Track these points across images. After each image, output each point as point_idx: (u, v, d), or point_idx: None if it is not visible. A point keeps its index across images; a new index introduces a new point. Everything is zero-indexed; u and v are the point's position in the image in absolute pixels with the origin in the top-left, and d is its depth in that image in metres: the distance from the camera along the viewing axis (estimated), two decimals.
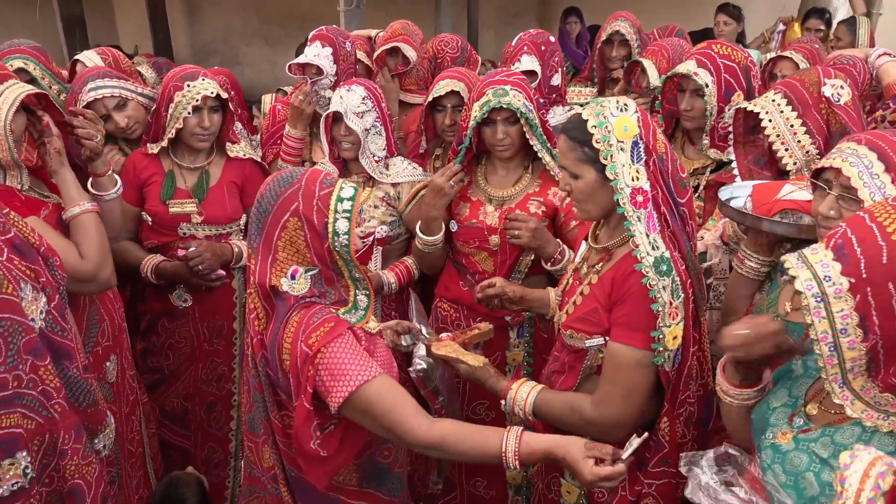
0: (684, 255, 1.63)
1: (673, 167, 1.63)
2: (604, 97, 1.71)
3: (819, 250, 1.20)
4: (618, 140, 1.56)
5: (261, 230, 1.60)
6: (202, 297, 2.57)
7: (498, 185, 2.37)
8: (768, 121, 2.00)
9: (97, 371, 2.02)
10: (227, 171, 2.58)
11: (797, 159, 2.00)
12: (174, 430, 2.74)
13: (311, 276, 1.60)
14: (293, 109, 2.79)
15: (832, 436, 1.26)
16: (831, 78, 2.01)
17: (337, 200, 1.59)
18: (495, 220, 2.32)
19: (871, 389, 1.19)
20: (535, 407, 1.74)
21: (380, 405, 1.52)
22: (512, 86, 2.19)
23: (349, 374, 1.52)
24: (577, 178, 1.65)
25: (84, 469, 1.55)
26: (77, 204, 1.96)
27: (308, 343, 1.53)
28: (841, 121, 1.98)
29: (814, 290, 1.16)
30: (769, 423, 1.39)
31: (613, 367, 1.63)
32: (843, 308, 1.14)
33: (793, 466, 1.30)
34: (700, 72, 2.33)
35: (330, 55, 2.78)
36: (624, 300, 1.61)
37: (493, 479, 2.49)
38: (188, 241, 2.50)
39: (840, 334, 1.15)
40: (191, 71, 2.47)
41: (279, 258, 1.59)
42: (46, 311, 1.50)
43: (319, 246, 1.58)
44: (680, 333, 1.59)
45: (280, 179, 1.61)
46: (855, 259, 1.15)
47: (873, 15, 5.55)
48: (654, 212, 1.59)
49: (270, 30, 8.50)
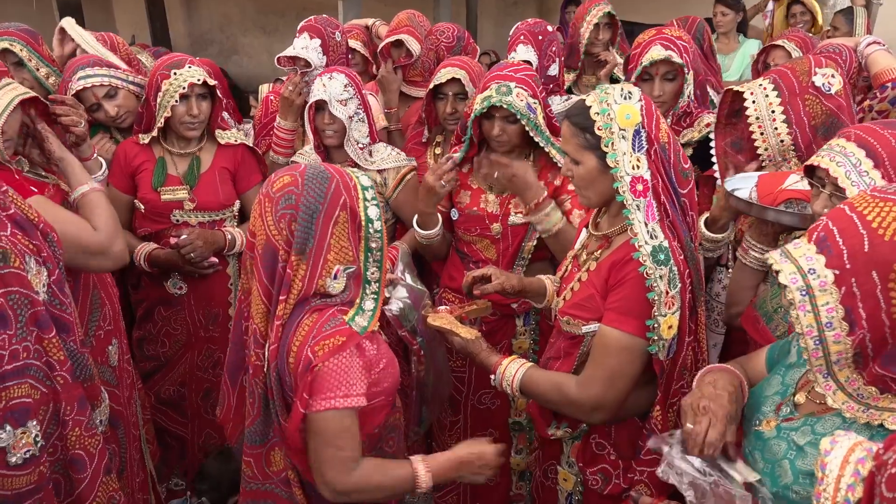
0: (683, 244, 1.62)
1: (675, 157, 1.63)
2: (607, 84, 1.71)
3: (802, 244, 1.19)
4: (620, 128, 1.56)
5: (314, 233, 1.53)
6: (197, 285, 2.57)
7: None
8: (751, 102, 2.00)
9: (100, 355, 2.04)
10: (218, 157, 2.57)
11: (770, 146, 2.00)
12: (171, 417, 2.74)
13: (348, 274, 1.59)
14: (283, 101, 2.78)
15: (813, 425, 1.27)
16: (822, 67, 1.99)
17: (362, 189, 1.61)
18: (496, 207, 2.32)
19: (855, 381, 1.18)
20: (521, 384, 1.75)
21: (327, 435, 1.52)
22: (518, 83, 2.15)
23: (328, 393, 1.51)
24: (579, 165, 1.65)
25: (87, 440, 1.58)
26: (84, 184, 1.98)
27: (314, 351, 1.51)
28: (828, 111, 1.96)
29: (798, 284, 1.16)
30: (759, 411, 1.40)
31: (601, 349, 1.64)
32: (829, 301, 1.14)
33: (771, 454, 1.31)
34: (671, 55, 2.34)
35: (318, 46, 2.77)
36: (620, 286, 1.61)
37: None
38: (181, 228, 2.49)
39: (825, 328, 1.14)
40: (177, 59, 2.46)
41: (329, 259, 1.56)
42: (47, 285, 1.52)
43: (355, 237, 1.59)
44: (676, 323, 1.58)
45: (314, 177, 1.56)
46: (838, 250, 1.14)
47: (873, 5, 5.52)
48: (654, 201, 1.58)
49: (268, 19, 8.46)
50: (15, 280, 1.41)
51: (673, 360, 1.65)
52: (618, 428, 1.77)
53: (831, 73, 1.98)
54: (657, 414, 1.68)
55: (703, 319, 1.77)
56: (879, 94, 2.72)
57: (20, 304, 1.42)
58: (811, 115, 1.97)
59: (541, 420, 1.88)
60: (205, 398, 2.72)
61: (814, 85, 1.97)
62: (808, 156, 1.99)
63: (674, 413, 1.70)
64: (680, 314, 1.59)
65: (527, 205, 2.20)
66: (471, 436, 2.46)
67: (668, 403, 1.69)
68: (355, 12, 5.35)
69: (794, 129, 1.97)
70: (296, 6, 7.77)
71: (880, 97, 2.71)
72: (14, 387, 1.42)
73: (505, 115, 2.18)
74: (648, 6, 4.41)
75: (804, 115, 1.96)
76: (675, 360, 1.65)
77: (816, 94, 1.97)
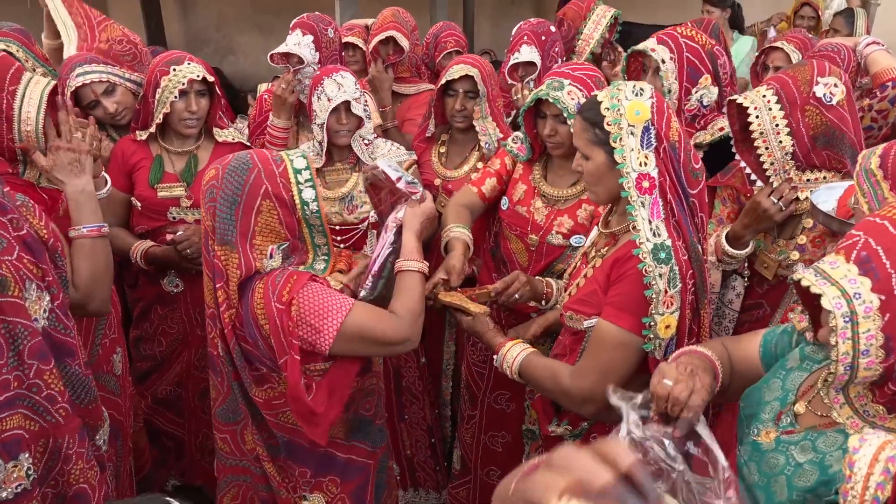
0: (688, 245, 1.61)
1: (685, 157, 1.61)
2: (620, 81, 1.69)
3: (839, 264, 1.10)
4: (629, 124, 1.55)
5: (234, 224, 1.61)
6: (194, 282, 2.53)
7: (554, 183, 2.25)
8: (755, 117, 1.96)
9: (106, 364, 2.01)
10: (215, 155, 2.54)
11: (775, 159, 1.97)
12: (167, 417, 2.72)
13: (283, 250, 1.67)
14: (276, 99, 2.76)
15: (814, 441, 1.21)
16: (825, 76, 1.95)
17: (294, 172, 1.65)
18: (542, 217, 2.23)
19: (863, 397, 1.14)
20: (521, 367, 1.76)
21: (369, 325, 1.64)
22: (573, 80, 2.03)
23: (330, 314, 1.60)
24: (588, 160, 1.65)
25: (88, 473, 1.55)
26: (81, 224, 1.85)
27: (280, 300, 1.59)
28: (828, 122, 1.93)
29: (843, 309, 1.07)
30: (758, 418, 1.35)
31: (597, 343, 1.63)
32: (870, 328, 1.07)
33: (769, 467, 1.26)
34: (658, 48, 2.27)
35: (311, 43, 2.75)
36: (619, 281, 1.61)
37: (507, 470, 2.47)
38: (178, 225, 2.47)
39: (861, 355, 1.08)
40: (176, 55, 2.44)
41: (256, 243, 1.63)
42: (50, 310, 1.49)
43: (291, 219, 1.65)
44: (674, 323, 1.57)
45: (234, 169, 1.62)
46: (885, 273, 1.06)
47: (871, 6, 5.53)
48: (661, 199, 1.57)
49: (264, 18, 8.43)
50: (11, 309, 1.38)
51: None
52: None
53: (834, 81, 1.94)
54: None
55: (709, 322, 1.75)
56: (879, 94, 2.71)
57: (15, 334, 1.39)
58: (810, 126, 1.94)
59: (543, 416, 1.88)
60: (201, 397, 2.69)
61: (814, 95, 1.93)
62: (807, 164, 1.98)
63: None
64: (679, 314, 1.58)
65: (539, 300, 2.11)
66: (485, 433, 2.50)
67: None
68: (352, 12, 5.33)
69: (797, 138, 1.95)
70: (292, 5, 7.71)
71: (880, 96, 2.71)
72: (6, 418, 1.38)
73: (555, 113, 2.07)
74: (647, 6, 4.40)
75: (803, 127, 1.94)
76: None
77: (817, 105, 1.93)
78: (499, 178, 2.35)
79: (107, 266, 1.88)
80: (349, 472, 1.85)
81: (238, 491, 1.88)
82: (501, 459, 2.49)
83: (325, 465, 1.81)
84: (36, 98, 1.74)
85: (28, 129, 1.73)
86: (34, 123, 1.73)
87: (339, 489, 1.83)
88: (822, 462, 1.18)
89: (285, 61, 2.79)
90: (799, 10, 4.97)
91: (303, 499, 1.80)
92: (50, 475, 1.48)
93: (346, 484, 1.84)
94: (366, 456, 1.89)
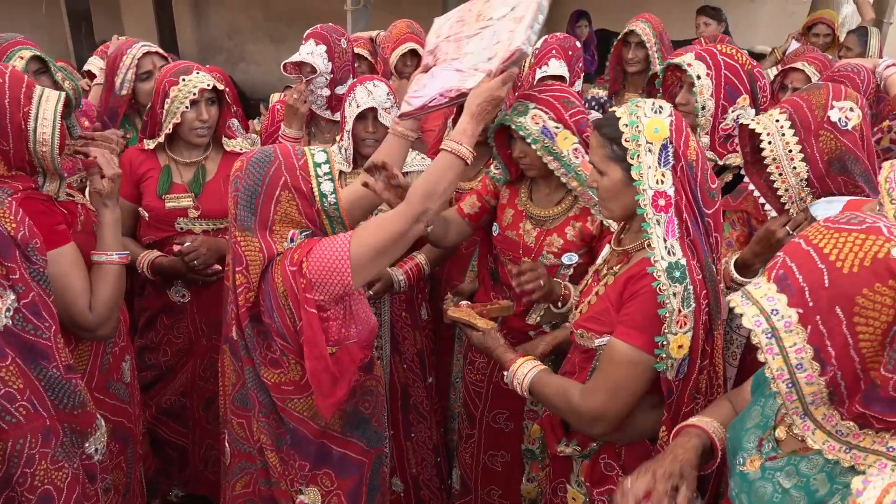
0: (703, 265, 1.59)
1: (703, 176, 1.60)
2: (639, 98, 1.68)
3: (762, 284, 1.14)
4: (647, 141, 1.54)
5: (254, 210, 1.71)
6: (200, 293, 2.55)
7: (540, 203, 2.25)
8: (768, 143, 1.93)
9: (115, 372, 2.00)
10: (223, 165, 2.54)
11: (790, 185, 1.93)
12: (171, 427, 2.71)
13: (306, 235, 1.74)
14: (288, 108, 2.76)
15: (797, 465, 1.20)
16: (840, 100, 1.91)
17: (314, 166, 1.73)
18: (532, 239, 2.22)
19: (832, 417, 1.13)
20: (531, 385, 1.73)
21: (373, 238, 1.70)
22: (539, 104, 2.06)
23: (338, 255, 1.67)
24: (604, 176, 1.64)
25: (54, 474, 1.51)
26: (104, 252, 1.89)
27: (293, 262, 1.68)
28: (843, 147, 1.89)
29: (763, 326, 1.11)
30: (741, 447, 1.33)
31: (608, 361, 1.61)
32: (796, 342, 1.09)
33: (757, 497, 1.24)
34: (695, 63, 2.23)
35: (324, 53, 2.75)
36: (633, 300, 1.59)
37: (507, 489, 2.47)
38: (185, 236, 2.47)
39: (796, 370, 1.09)
40: (184, 66, 2.45)
41: (276, 230, 1.72)
42: (15, 310, 1.46)
43: (310, 210, 1.73)
44: (687, 343, 1.55)
45: (257, 161, 1.72)
46: (798, 287, 1.09)
47: (883, 24, 5.51)
48: (676, 217, 1.56)
49: (276, 28, 8.50)
50: None
51: (684, 381, 1.61)
52: (627, 449, 1.73)
53: (850, 105, 1.90)
54: (663, 435, 1.64)
55: (721, 344, 1.73)
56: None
57: None
58: (824, 151, 1.90)
59: (551, 435, 1.85)
60: (206, 408, 2.68)
61: (829, 120, 1.89)
62: (822, 189, 1.95)
63: None
64: (693, 334, 1.56)
65: (555, 302, 2.11)
66: (484, 452, 2.47)
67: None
68: (364, 22, 5.36)
69: (812, 163, 1.91)
70: (304, 16, 7.79)
71: None
72: None
73: (522, 136, 2.08)
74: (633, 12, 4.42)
75: (817, 152, 1.90)
76: (686, 381, 1.61)
77: (832, 129, 1.89)
78: (479, 196, 2.35)
79: (122, 294, 1.94)
80: (344, 467, 1.89)
81: (249, 479, 1.92)
82: (502, 479, 2.46)
83: (322, 458, 1.85)
84: (50, 118, 1.75)
85: (44, 150, 1.75)
86: (50, 145, 1.75)
87: (335, 485, 1.87)
88: (807, 486, 1.17)
89: (298, 71, 2.79)
90: (812, 27, 4.94)
91: (299, 492, 1.85)
92: (8, 485, 1.44)
93: (342, 480, 1.88)
94: (360, 453, 1.92)
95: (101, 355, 1.95)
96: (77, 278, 1.79)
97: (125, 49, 2.84)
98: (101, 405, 1.92)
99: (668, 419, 1.63)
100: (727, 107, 2.23)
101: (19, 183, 1.75)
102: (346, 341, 1.77)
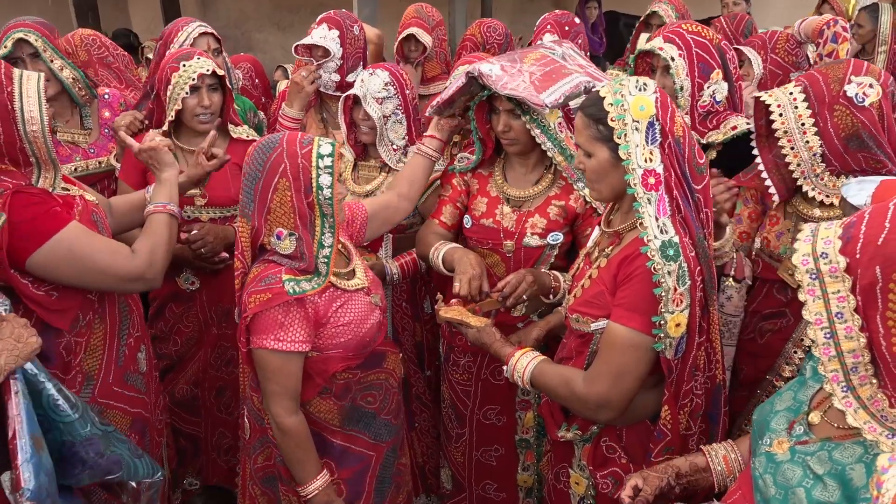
0: (695, 241, 1.58)
1: (690, 152, 1.59)
2: (623, 75, 1.66)
3: (833, 225, 1.11)
4: (633, 119, 1.53)
5: (254, 196, 1.73)
6: (209, 281, 2.55)
7: (516, 184, 2.21)
8: (779, 115, 1.90)
9: (132, 363, 2.01)
10: (230, 152, 2.49)
11: (801, 160, 1.91)
12: (183, 417, 2.73)
13: (294, 239, 1.73)
14: (293, 85, 2.75)
15: (830, 452, 1.16)
16: (860, 75, 1.86)
17: (317, 157, 1.71)
18: (512, 222, 2.18)
19: (879, 402, 1.09)
20: (532, 376, 1.72)
21: (266, 371, 1.75)
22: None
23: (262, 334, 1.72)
24: (591, 157, 1.62)
25: None
26: (158, 201, 2.00)
27: (249, 299, 1.72)
28: (859, 123, 1.85)
29: (809, 266, 1.09)
30: (769, 428, 1.31)
31: (608, 346, 1.60)
32: (839, 289, 1.06)
33: (785, 479, 1.21)
34: (666, 46, 2.21)
35: (336, 38, 2.75)
36: (628, 282, 1.58)
37: (503, 482, 2.45)
38: (192, 224, 2.48)
39: (836, 318, 1.06)
40: (186, 52, 2.45)
41: (270, 219, 1.72)
42: None
43: (302, 203, 1.71)
44: (684, 321, 1.54)
45: (262, 147, 1.73)
46: (855, 236, 1.06)
47: None
48: (666, 195, 1.55)
49: (283, 15, 8.46)
50: None
51: (683, 359, 1.61)
52: (628, 431, 1.74)
53: (870, 81, 1.85)
54: (666, 414, 1.64)
55: (717, 319, 1.72)
56: None
57: None
58: (839, 127, 1.86)
59: (551, 421, 1.85)
60: (218, 396, 2.71)
61: (845, 94, 1.86)
62: (841, 167, 1.91)
63: (685, 414, 1.66)
64: (690, 312, 1.55)
65: (546, 294, 2.06)
66: (477, 449, 2.45)
67: (679, 405, 1.65)
68: (371, 9, 5.32)
69: (825, 138, 1.88)
70: (311, 3, 7.76)
71: None
72: None
73: (508, 108, 2.05)
74: None
75: (831, 127, 1.87)
76: (685, 359, 1.61)
77: (847, 104, 1.86)
78: (454, 204, 2.29)
79: (171, 243, 1.99)
80: (346, 458, 1.91)
81: (270, 452, 1.94)
82: (497, 472, 2.44)
83: (322, 449, 1.87)
84: (34, 95, 1.73)
85: (34, 130, 1.72)
86: (39, 123, 1.73)
87: (335, 474, 1.89)
88: (842, 475, 1.13)
89: (308, 54, 2.79)
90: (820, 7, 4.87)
91: None
92: None
93: (343, 470, 1.90)
94: (365, 447, 1.93)
95: (116, 348, 1.95)
96: (97, 240, 1.81)
97: (181, 26, 2.83)
98: (119, 398, 1.96)
99: (669, 398, 1.63)
100: (702, 84, 2.22)
101: (9, 179, 1.72)
102: (329, 350, 1.79)
